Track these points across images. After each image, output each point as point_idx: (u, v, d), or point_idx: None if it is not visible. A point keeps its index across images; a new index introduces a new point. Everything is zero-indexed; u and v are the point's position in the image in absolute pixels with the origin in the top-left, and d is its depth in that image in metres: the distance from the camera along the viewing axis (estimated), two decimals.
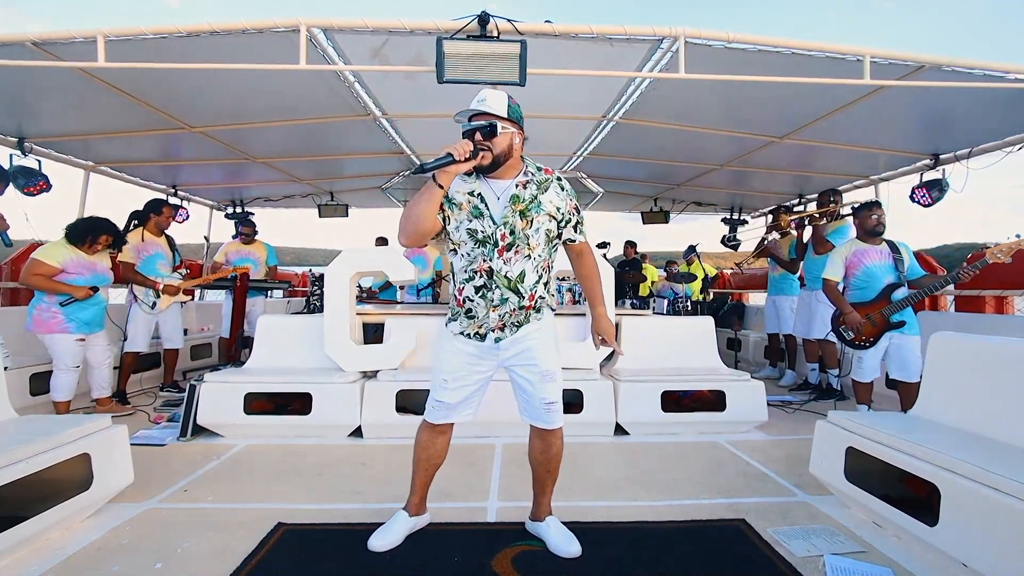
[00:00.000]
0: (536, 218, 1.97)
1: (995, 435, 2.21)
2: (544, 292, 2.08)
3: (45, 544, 2.11)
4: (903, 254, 3.64)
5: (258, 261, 5.99)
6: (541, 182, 2.01)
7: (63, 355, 3.76)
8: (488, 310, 2.00)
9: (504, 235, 1.94)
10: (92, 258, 3.90)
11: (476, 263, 1.98)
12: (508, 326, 2.04)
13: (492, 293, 1.98)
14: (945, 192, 4.77)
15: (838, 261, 3.83)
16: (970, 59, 3.12)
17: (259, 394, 3.61)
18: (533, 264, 2.01)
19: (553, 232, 2.05)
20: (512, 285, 1.98)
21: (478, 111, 1.93)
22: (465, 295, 2.02)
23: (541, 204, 1.98)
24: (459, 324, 2.08)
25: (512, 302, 1.99)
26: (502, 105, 1.94)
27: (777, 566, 2.00)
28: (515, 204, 1.95)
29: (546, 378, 2.06)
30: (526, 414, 2.15)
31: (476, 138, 1.89)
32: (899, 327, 3.57)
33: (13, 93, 3.79)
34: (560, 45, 3.26)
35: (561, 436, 2.16)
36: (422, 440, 2.20)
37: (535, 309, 2.06)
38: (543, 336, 2.09)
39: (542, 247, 2.02)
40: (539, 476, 2.21)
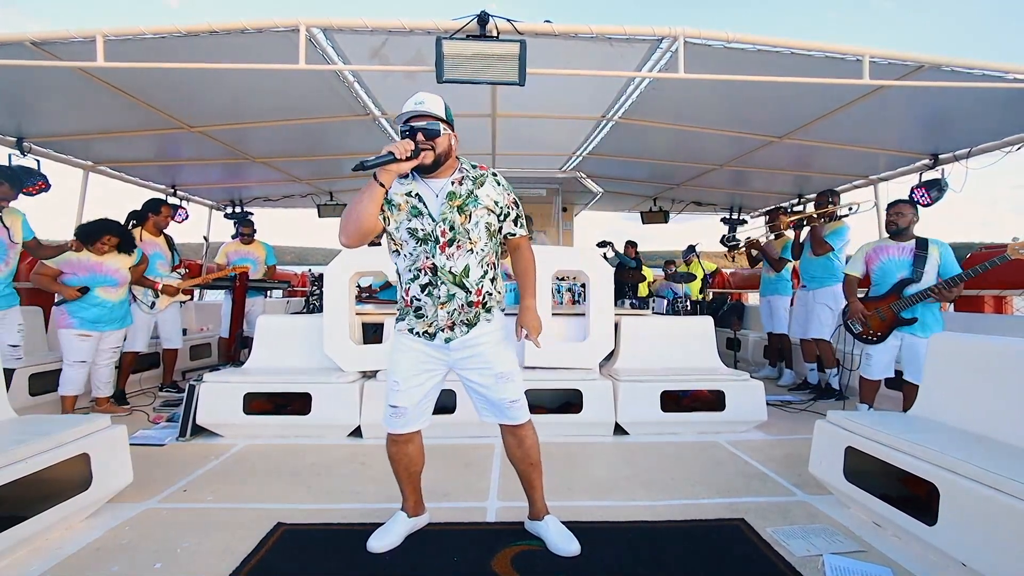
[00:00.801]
0: (474, 212, 2.00)
1: (994, 435, 2.21)
2: (492, 288, 2.08)
3: (44, 544, 2.11)
4: (932, 252, 3.56)
5: (257, 261, 5.99)
6: (476, 178, 2.05)
7: (66, 350, 3.86)
8: (436, 307, 2.01)
9: (444, 231, 1.97)
10: (98, 259, 3.95)
11: (419, 261, 2.00)
12: (458, 324, 2.03)
13: (438, 290, 1.99)
14: (944, 192, 4.76)
15: (860, 257, 3.91)
16: (969, 59, 3.12)
17: (258, 394, 3.61)
18: (477, 259, 2.02)
19: (494, 226, 2.07)
20: (457, 280, 2.00)
21: (418, 113, 1.96)
22: (412, 294, 2.04)
23: (478, 198, 2.01)
24: (408, 322, 2.08)
25: (460, 297, 2.00)
26: (439, 107, 1.99)
27: (776, 566, 2.00)
28: (452, 200, 1.99)
29: (503, 379, 2.06)
30: (488, 415, 2.15)
31: (419, 138, 1.92)
32: (909, 324, 3.55)
33: (12, 93, 3.78)
34: (560, 45, 3.26)
35: (532, 427, 2.17)
36: (392, 454, 2.19)
37: (484, 307, 2.06)
38: (494, 337, 2.08)
39: (484, 241, 2.03)
40: (523, 471, 2.21)
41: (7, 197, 3.62)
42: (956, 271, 3.52)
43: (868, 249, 3.86)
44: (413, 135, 1.92)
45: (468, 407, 3.36)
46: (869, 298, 3.78)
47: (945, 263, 3.55)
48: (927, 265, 3.55)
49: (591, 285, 3.91)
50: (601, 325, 3.87)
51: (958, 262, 3.57)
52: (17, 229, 3.66)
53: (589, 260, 4.00)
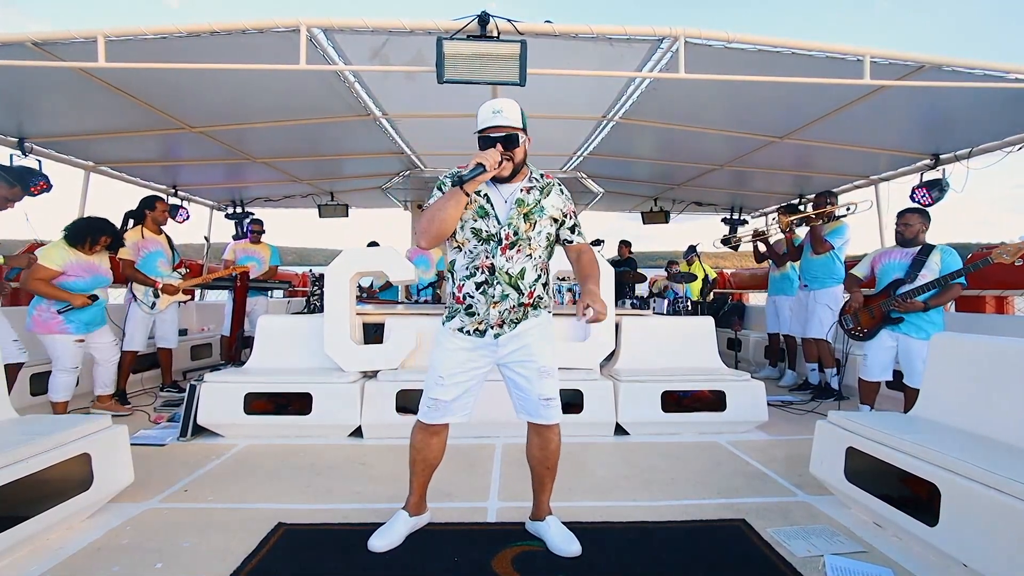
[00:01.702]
0: (539, 221, 2.05)
1: (995, 435, 2.21)
2: (543, 292, 2.13)
3: (45, 544, 2.11)
4: (933, 257, 3.57)
5: (262, 261, 6.03)
6: (543, 187, 2.09)
7: (62, 356, 3.75)
8: (489, 306, 2.03)
9: (508, 235, 2.01)
10: (92, 259, 3.88)
11: (479, 259, 2.03)
12: (507, 323, 2.06)
13: (493, 289, 2.02)
14: (945, 192, 4.76)
15: (867, 261, 4.00)
16: (970, 59, 3.12)
17: (259, 394, 3.61)
18: (533, 263, 2.07)
19: (553, 235, 2.12)
20: (513, 282, 2.02)
21: (496, 124, 1.97)
22: (466, 291, 2.06)
23: (544, 208, 2.06)
24: (458, 320, 2.09)
25: (512, 298, 2.03)
26: (518, 116, 2.00)
27: (777, 566, 2.00)
28: (520, 207, 2.02)
29: (544, 374, 2.09)
30: (523, 412, 2.16)
31: (499, 147, 1.96)
32: (896, 323, 3.60)
33: (13, 93, 3.79)
34: (560, 45, 3.25)
35: (559, 433, 2.18)
36: (416, 442, 2.19)
37: (533, 307, 2.09)
38: (541, 333, 2.11)
39: (542, 248, 2.09)
40: (538, 474, 2.22)
41: (16, 198, 3.61)
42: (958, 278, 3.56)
43: (876, 254, 3.95)
44: (493, 146, 1.96)
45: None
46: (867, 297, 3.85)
47: (945, 267, 3.55)
48: (924, 268, 3.57)
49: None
50: (602, 325, 3.87)
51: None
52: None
53: None
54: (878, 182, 5.79)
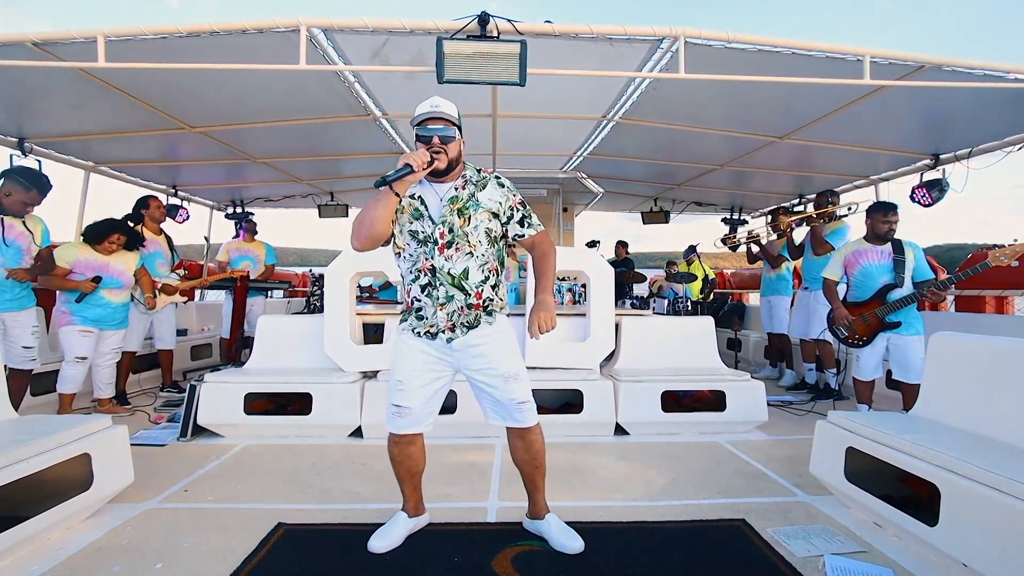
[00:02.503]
0: (474, 215, 2.02)
1: (995, 435, 2.21)
2: (493, 294, 2.08)
3: (45, 544, 2.11)
4: (908, 255, 3.60)
5: (257, 259, 6.01)
6: (478, 181, 2.08)
7: (67, 347, 3.88)
8: (436, 309, 2.02)
9: (443, 233, 1.99)
10: (106, 259, 4.00)
11: (419, 262, 2.03)
12: (458, 326, 2.04)
13: (437, 291, 2.01)
14: (945, 192, 4.76)
15: (838, 261, 3.90)
16: (970, 59, 3.12)
17: (259, 394, 3.61)
18: (477, 263, 2.03)
19: (496, 231, 2.07)
20: (456, 282, 2.01)
21: (434, 116, 1.98)
22: (413, 295, 2.07)
23: (479, 201, 2.03)
24: (411, 323, 2.09)
25: (458, 299, 2.01)
26: (454, 112, 2.00)
27: (777, 566, 2.00)
28: (453, 203, 2.01)
29: (509, 379, 2.06)
30: (496, 417, 2.14)
31: (434, 142, 1.96)
32: (894, 328, 3.59)
33: (13, 93, 3.79)
34: (560, 45, 3.25)
35: (539, 431, 2.16)
36: (395, 455, 2.17)
37: (485, 311, 2.06)
38: (497, 339, 2.08)
39: (484, 246, 2.04)
40: (528, 474, 2.21)
41: (35, 202, 3.61)
42: (928, 274, 3.60)
43: (846, 253, 3.87)
44: (429, 139, 1.96)
45: (469, 407, 3.37)
46: (851, 303, 3.81)
47: (919, 265, 3.60)
48: (905, 269, 3.58)
49: (591, 285, 3.92)
50: (602, 325, 3.87)
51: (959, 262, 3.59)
52: (39, 234, 3.65)
53: (589, 260, 4.00)
54: (878, 182, 5.79)
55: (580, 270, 4.02)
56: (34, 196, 3.58)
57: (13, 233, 3.50)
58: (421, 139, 1.99)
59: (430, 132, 1.98)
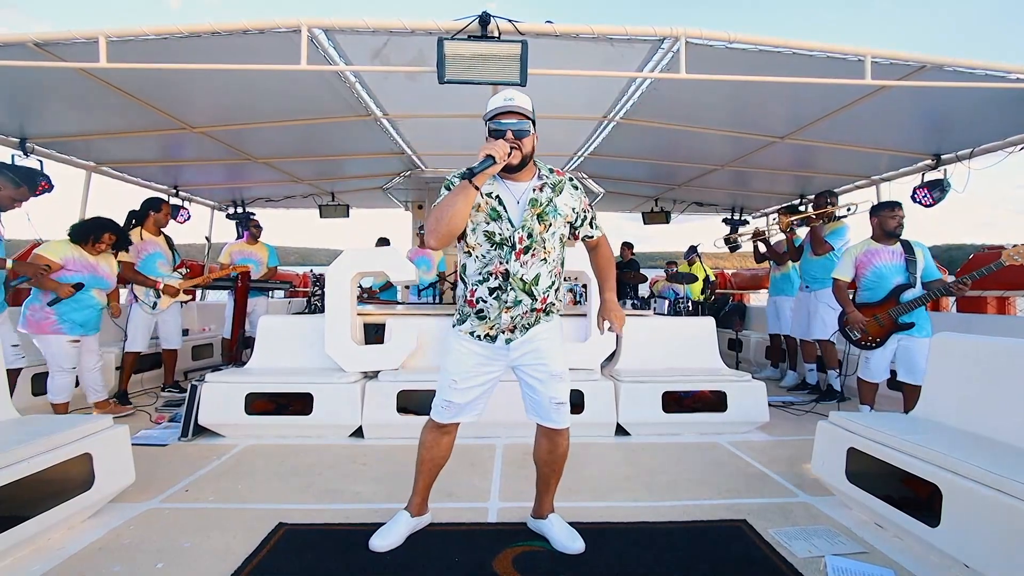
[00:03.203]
0: (554, 222, 2.00)
1: (997, 436, 2.20)
2: (555, 298, 2.10)
3: (46, 544, 2.11)
4: (918, 255, 3.59)
5: (260, 262, 6.01)
6: (555, 184, 2.03)
7: (56, 356, 3.71)
8: (501, 311, 2.00)
9: (522, 238, 1.96)
10: (95, 259, 3.88)
11: (492, 265, 1.98)
12: (519, 328, 2.04)
13: (506, 295, 1.98)
14: (947, 192, 4.75)
15: (848, 261, 3.85)
16: (972, 59, 3.11)
17: (260, 394, 3.61)
18: (548, 268, 2.03)
19: (566, 236, 2.09)
20: (527, 288, 1.99)
21: (508, 109, 1.91)
22: (478, 296, 2.03)
23: (557, 208, 2.01)
24: (469, 325, 2.07)
25: (525, 304, 2.00)
26: (528, 106, 1.94)
27: (778, 567, 2.00)
28: (534, 207, 1.97)
29: (555, 378, 2.07)
30: (533, 414, 2.14)
31: (508, 137, 1.89)
32: (907, 328, 3.55)
33: (15, 94, 3.79)
34: (561, 45, 3.26)
35: (568, 436, 2.16)
36: (427, 440, 2.19)
37: (545, 312, 2.07)
38: (552, 336, 2.09)
39: (557, 251, 2.05)
40: (544, 475, 2.21)
41: (23, 198, 3.61)
42: (936, 274, 3.59)
43: (857, 252, 3.82)
44: (502, 134, 1.90)
45: None
46: (863, 304, 3.77)
47: (927, 266, 3.59)
48: (916, 269, 3.57)
49: (592, 286, 3.91)
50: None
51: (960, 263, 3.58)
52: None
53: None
54: (879, 182, 5.78)
55: (581, 270, 4.01)
56: (24, 192, 3.58)
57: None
58: (494, 133, 1.92)
59: (503, 126, 1.90)
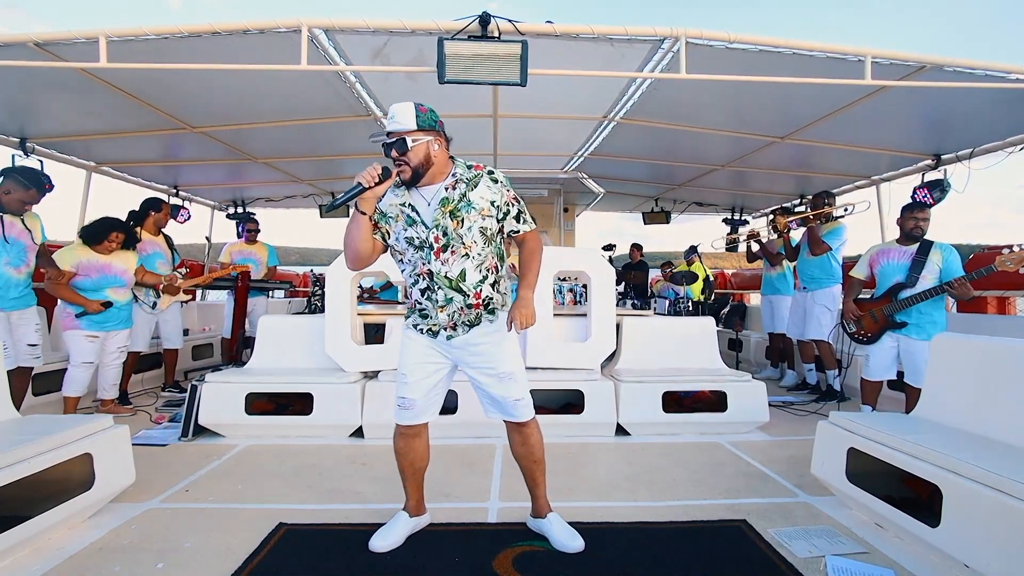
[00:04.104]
0: (467, 217, 1.99)
1: (997, 436, 2.20)
2: (492, 292, 2.08)
3: (46, 544, 2.11)
4: (934, 257, 3.52)
5: (259, 261, 6.01)
6: (470, 179, 2.03)
7: (73, 351, 3.86)
8: (436, 310, 2.04)
9: (437, 237, 1.99)
10: (107, 258, 3.96)
11: (417, 267, 2.05)
12: (459, 325, 2.07)
13: (436, 294, 2.03)
14: (947, 192, 4.75)
15: (865, 260, 3.93)
16: (972, 59, 3.11)
17: (260, 394, 3.62)
18: (474, 263, 2.03)
19: (491, 229, 2.04)
20: (454, 285, 2.02)
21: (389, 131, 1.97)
22: (415, 298, 2.11)
23: (471, 202, 2.00)
24: (414, 320, 2.14)
25: (457, 301, 2.03)
26: (410, 118, 1.94)
27: (778, 567, 2.00)
28: (444, 206, 1.99)
29: (506, 378, 2.09)
30: (494, 411, 2.18)
31: (392, 155, 1.96)
32: (901, 327, 3.56)
33: (15, 94, 3.79)
34: (561, 45, 3.25)
35: (536, 425, 2.19)
36: (399, 447, 2.20)
37: (486, 309, 2.07)
38: (497, 338, 2.09)
39: (480, 246, 2.03)
40: (526, 468, 2.23)
41: (33, 200, 3.63)
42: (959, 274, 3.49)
43: (873, 252, 3.87)
44: (388, 154, 1.98)
45: (470, 408, 3.37)
46: (864, 300, 3.82)
47: (948, 266, 3.49)
48: (925, 270, 3.51)
49: (592, 286, 3.91)
50: (603, 326, 3.87)
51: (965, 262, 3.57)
52: (37, 232, 3.68)
53: (590, 261, 4.00)
54: (879, 182, 5.78)
55: (581, 270, 4.02)
56: (33, 195, 3.60)
57: (14, 231, 3.52)
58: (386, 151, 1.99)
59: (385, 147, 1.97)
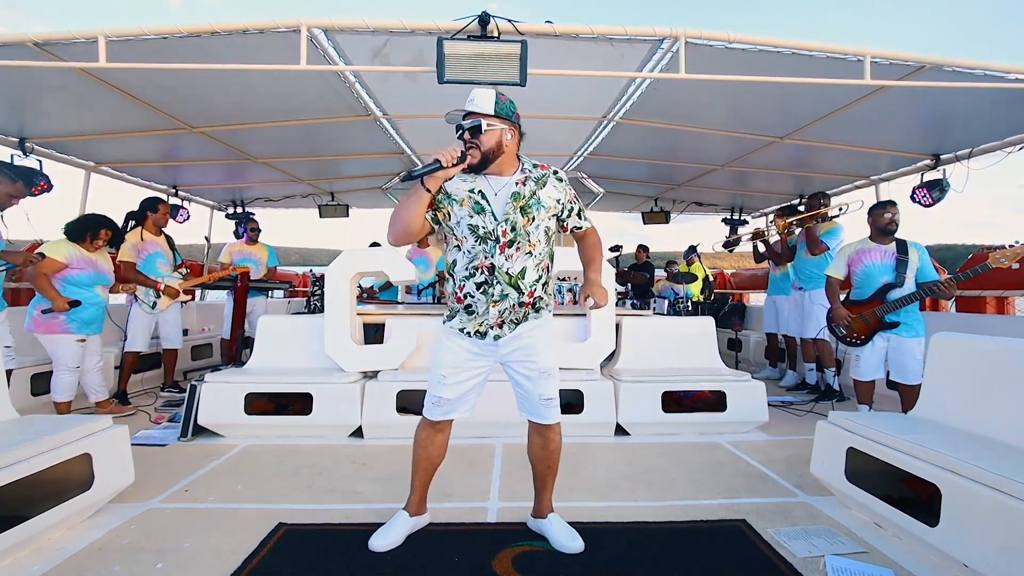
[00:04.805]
0: (537, 215, 2.01)
1: (996, 435, 2.20)
2: (543, 292, 2.11)
3: (46, 544, 2.11)
4: (912, 256, 3.58)
5: (259, 262, 6.01)
6: (539, 178, 2.05)
7: (64, 356, 3.76)
8: (488, 306, 2.02)
9: (505, 231, 1.98)
10: (94, 255, 3.93)
11: (478, 259, 2.01)
12: (507, 323, 2.06)
13: (493, 289, 2.01)
14: (946, 192, 4.76)
15: (841, 259, 3.87)
16: (971, 59, 3.11)
17: (260, 394, 3.61)
18: (534, 262, 2.04)
19: (552, 229, 2.10)
20: (513, 281, 2.01)
21: (467, 111, 1.97)
22: (466, 291, 2.05)
23: (541, 200, 2.02)
24: (458, 321, 2.09)
25: (512, 298, 2.02)
26: (489, 103, 1.96)
27: (778, 566, 2.00)
28: (516, 201, 1.99)
29: (544, 375, 2.09)
30: (524, 410, 2.17)
31: (464, 136, 1.95)
32: (892, 327, 3.57)
33: (15, 93, 3.79)
34: (561, 45, 3.25)
35: (559, 432, 2.18)
36: (421, 438, 2.20)
37: (534, 308, 2.08)
38: (541, 334, 2.10)
39: (542, 244, 2.06)
40: (539, 472, 2.23)
41: (20, 195, 3.60)
42: (933, 275, 3.58)
43: (850, 251, 3.84)
44: (460, 135, 1.97)
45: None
46: (852, 301, 3.80)
47: (923, 266, 3.58)
48: (908, 269, 3.56)
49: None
50: (602, 326, 3.87)
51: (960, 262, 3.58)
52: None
53: None
54: (878, 182, 5.78)
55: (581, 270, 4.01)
56: (20, 188, 3.56)
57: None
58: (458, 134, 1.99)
59: (453, 121, 1.97)
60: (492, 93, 1.98)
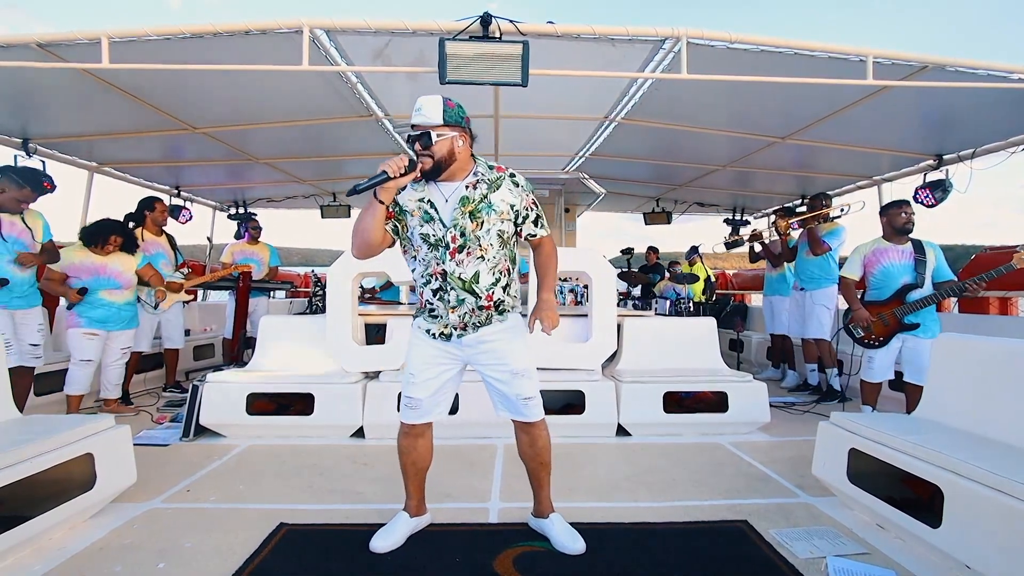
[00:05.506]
0: (487, 219, 1.99)
1: (999, 436, 2.20)
2: (504, 295, 2.09)
3: (48, 544, 2.11)
4: (929, 255, 3.54)
5: (261, 262, 6.02)
6: (492, 181, 2.02)
7: (73, 349, 3.90)
8: (447, 311, 2.03)
9: (455, 237, 1.97)
10: (103, 260, 4.00)
11: (431, 267, 2.03)
12: (470, 325, 2.06)
13: (448, 295, 2.02)
14: (949, 193, 4.74)
15: (857, 260, 3.82)
16: (973, 59, 3.11)
17: (261, 394, 3.62)
18: (488, 266, 2.02)
19: (508, 233, 2.06)
20: (467, 286, 2.00)
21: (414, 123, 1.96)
22: (426, 298, 2.09)
23: (492, 204, 2.00)
24: (424, 321, 2.12)
25: (469, 303, 2.02)
26: (436, 112, 1.93)
27: (779, 567, 2.00)
28: (464, 205, 1.97)
29: (518, 376, 2.08)
30: (503, 410, 2.17)
31: (416, 147, 1.94)
32: (912, 329, 3.52)
33: (17, 94, 3.80)
34: (562, 46, 3.25)
35: (545, 427, 2.18)
36: (403, 447, 2.20)
37: (497, 311, 2.07)
38: (508, 336, 2.09)
39: (495, 249, 2.03)
40: (532, 470, 2.23)
41: (28, 199, 3.64)
42: (949, 274, 3.55)
43: (866, 251, 3.78)
44: (411, 147, 1.96)
45: (471, 408, 3.38)
46: (868, 302, 3.74)
47: (939, 265, 3.55)
48: (926, 269, 3.53)
49: (593, 286, 3.91)
50: (604, 326, 3.87)
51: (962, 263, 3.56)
52: (39, 230, 3.68)
53: (591, 261, 4.00)
54: (881, 183, 5.77)
55: (582, 271, 4.02)
56: (27, 193, 3.60)
57: (15, 230, 3.53)
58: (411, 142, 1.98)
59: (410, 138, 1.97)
60: (439, 101, 1.94)
